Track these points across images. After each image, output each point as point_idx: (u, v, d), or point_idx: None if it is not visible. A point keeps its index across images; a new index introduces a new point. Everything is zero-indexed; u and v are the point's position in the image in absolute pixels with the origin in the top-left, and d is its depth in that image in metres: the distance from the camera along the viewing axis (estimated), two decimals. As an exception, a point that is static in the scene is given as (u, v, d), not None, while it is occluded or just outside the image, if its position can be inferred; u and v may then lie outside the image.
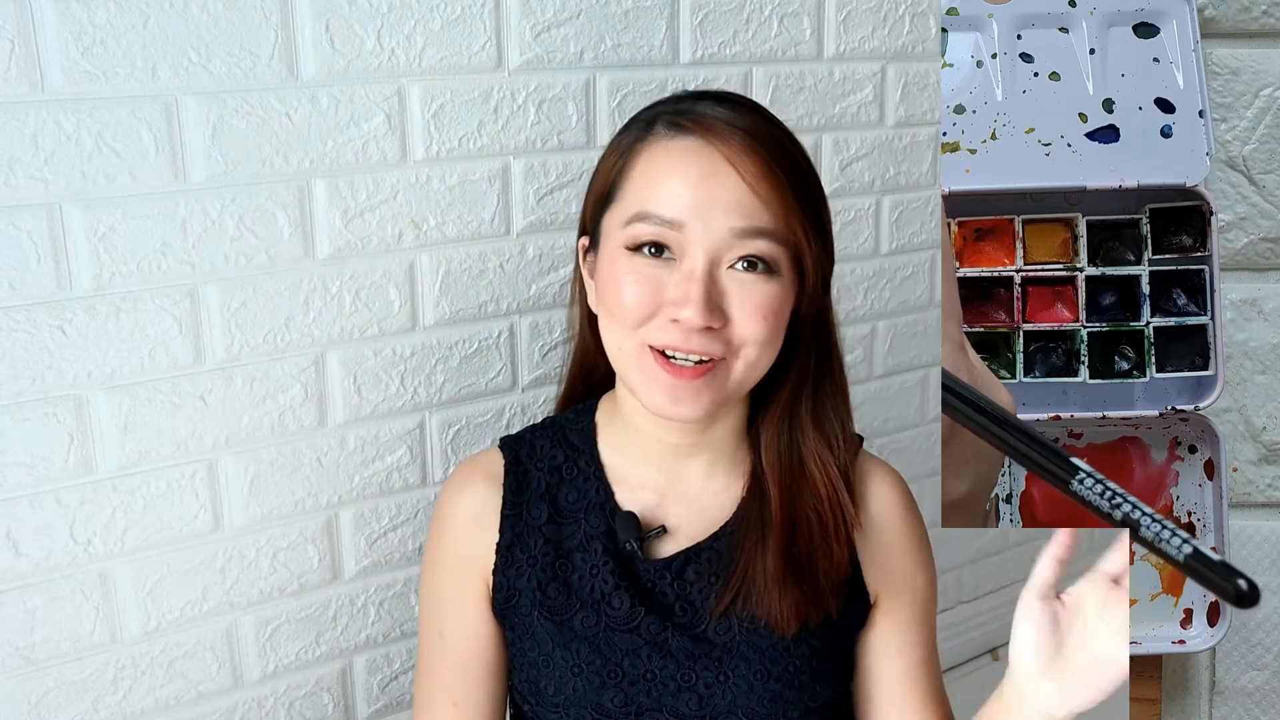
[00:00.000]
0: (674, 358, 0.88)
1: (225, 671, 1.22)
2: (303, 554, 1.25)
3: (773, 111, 1.51)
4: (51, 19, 1.00)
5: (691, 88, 1.40)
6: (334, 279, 1.20)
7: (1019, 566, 2.07)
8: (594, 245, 0.96)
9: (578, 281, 1.03)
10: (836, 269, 1.66)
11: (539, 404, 1.37)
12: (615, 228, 0.91)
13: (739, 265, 0.88)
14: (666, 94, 1.06)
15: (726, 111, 0.90)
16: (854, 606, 1.00)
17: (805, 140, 1.56)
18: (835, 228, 1.61)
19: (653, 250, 0.88)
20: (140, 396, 1.11)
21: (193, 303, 1.12)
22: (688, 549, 0.97)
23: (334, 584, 1.28)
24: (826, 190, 1.59)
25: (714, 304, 0.87)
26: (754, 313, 0.88)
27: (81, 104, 1.03)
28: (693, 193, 0.87)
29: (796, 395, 0.97)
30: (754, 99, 0.98)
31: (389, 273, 1.24)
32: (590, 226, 0.97)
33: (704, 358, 0.88)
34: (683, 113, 0.91)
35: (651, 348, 0.89)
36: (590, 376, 1.08)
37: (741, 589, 0.94)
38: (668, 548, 0.98)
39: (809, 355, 0.97)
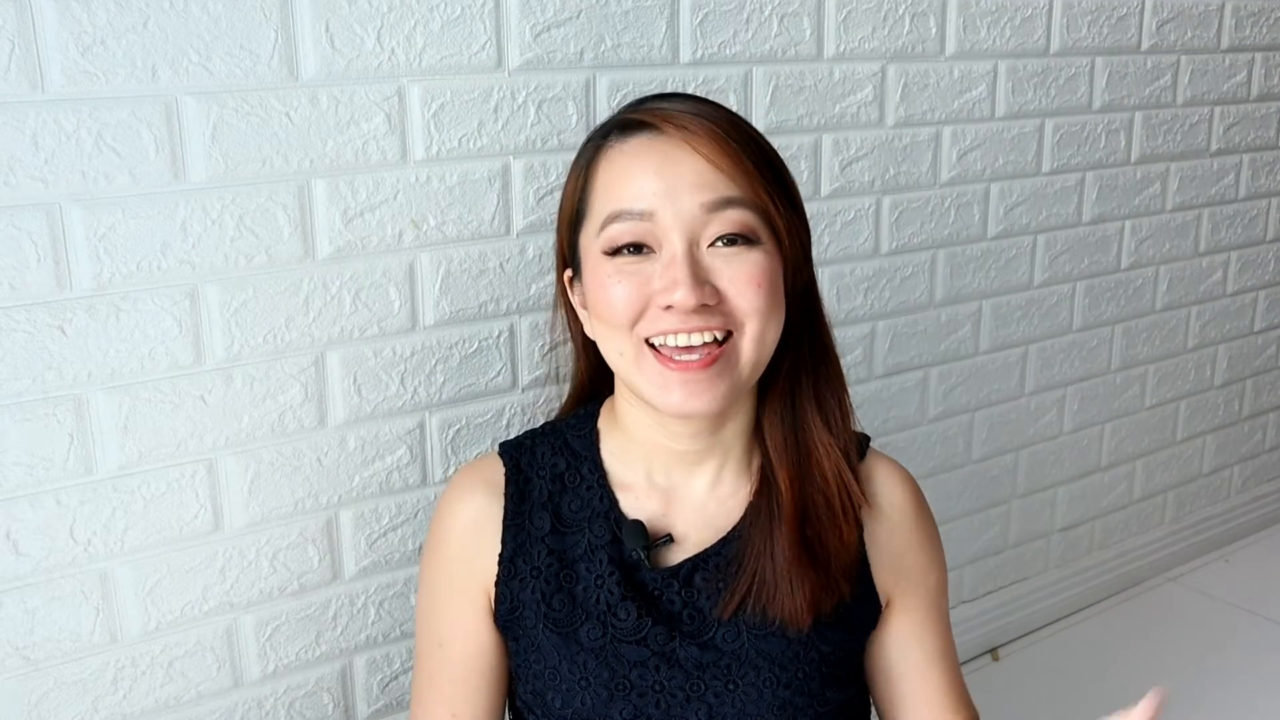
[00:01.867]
0: (676, 354, 0.87)
1: (225, 671, 1.22)
2: (303, 554, 1.25)
3: (773, 112, 1.52)
4: (51, 19, 1.00)
5: (691, 88, 1.40)
6: (334, 279, 1.20)
7: (1019, 566, 2.07)
8: (577, 272, 0.95)
9: (564, 311, 1.02)
10: (836, 269, 1.67)
11: (539, 404, 1.37)
12: (591, 240, 0.91)
13: (719, 242, 0.88)
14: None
15: (673, 103, 0.91)
16: (864, 607, 0.99)
17: (805, 140, 1.57)
18: (835, 227, 1.62)
19: (632, 249, 0.88)
20: (140, 396, 1.11)
21: (193, 303, 1.12)
22: (695, 556, 0.96)
23: (334, 584, 1.28)
24: (827, 190, 1.60)
25: (702, 280, 0.86)
26: (748, 282, 0.88)
27: (81, 104, 1.03)
28: (656, 180, 0.87)
29: (795, 376, 0.97)
30: (712, 95, 0.99)
31: (389, 273, 1.24)
32: (569, 255, 0.96)
33: (708, 336, 0.87)
34: (631, 114, 0.92)
35: (651, 345, 0.88)
36: (595, 399, 1.06)
37: (751, 588, 0.93)
38: (674, 556, 0.96)
39: (802, 334, 0.97)
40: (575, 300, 0.98)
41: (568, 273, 0.98)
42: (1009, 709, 1.84)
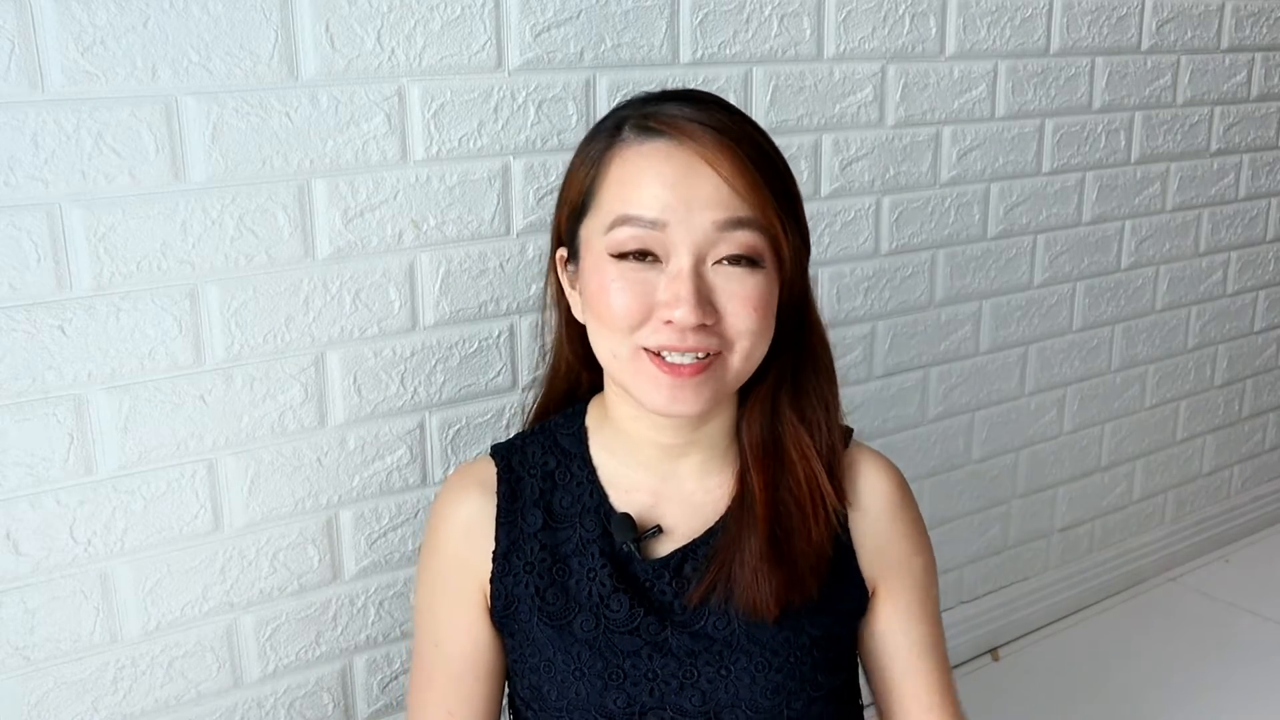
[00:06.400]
0: (670, 358, 0.89)
1: (225, 671, 1.22)
2: (303, 554, 1.25)
3: (773, 111, 1.52)
4: (51, 19, 1.00)
5: (691, 88, 1.40)
6: (334, 279, 1.20)
7: (1019, 566, 2.07)
8: (573, 256, 0.96)
9: (553, 289, 1.03)
10: (836, 269, 1.67)
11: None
12: (596, 236, 0.91)
13: (724, 261, 0.89)
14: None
15: (694, 110, 0.91)
16: (849, 594, 1.00)
17: (805, 140, 1.57)
18: (835, 228, 1.62)
19: (638, 255, 0.89)
20: (140, 396, 1.11)
21: (193, 303, 1.12)
22: (684, 547, 0.98)
23: (334, 584, 1.28)
24: (827, 190, 1.60)
25: (705, 300, 0.88)
26: (745, 305, 0.89)
27: (81, 104, 1.03)
28: (671, 192, 0.87)
29: (778, 384, 0.98)
30: (717, 94, 0.98)
31: (389, 273, 1.24)
32: (566, 238, 0.97)
33: (701, 354, 0.89)
34: (650, 115, 0.91)
35: (647, 350, 0.90)
36: (574, 391, 1.07)
37: (720, 576, 0.95)
38: (664, 547, 0.98)
39: (790, 343, 0.98)
40: (565, 281, 0.99)
41: (561, 252, 0.98)
42: (1009, 709, 1.84)
